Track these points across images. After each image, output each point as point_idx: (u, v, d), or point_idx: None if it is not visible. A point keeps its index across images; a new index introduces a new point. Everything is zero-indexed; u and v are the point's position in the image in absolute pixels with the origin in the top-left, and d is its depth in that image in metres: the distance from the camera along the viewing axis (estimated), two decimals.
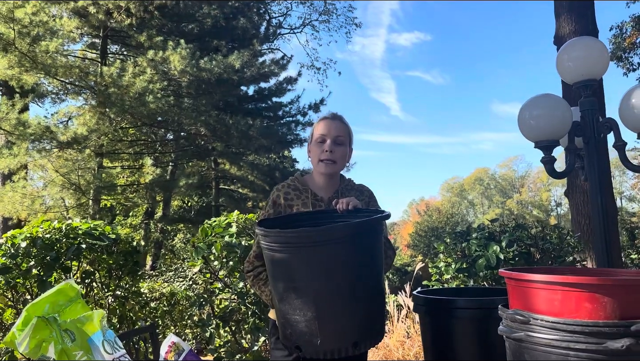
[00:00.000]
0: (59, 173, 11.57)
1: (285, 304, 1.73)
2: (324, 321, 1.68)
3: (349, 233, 1.65)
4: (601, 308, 1.20)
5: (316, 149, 2.08)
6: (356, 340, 1.73)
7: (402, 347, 5.15)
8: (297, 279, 1.68)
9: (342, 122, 2.12)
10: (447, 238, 3.87)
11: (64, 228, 3.35)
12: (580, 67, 3.05)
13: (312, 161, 2.13)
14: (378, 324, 1.83)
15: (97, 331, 1.76)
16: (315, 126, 2.13)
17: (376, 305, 1.81)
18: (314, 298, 1.67)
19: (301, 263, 1.67)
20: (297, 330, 1.71)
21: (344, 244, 1.65)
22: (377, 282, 1.80)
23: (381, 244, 1.83)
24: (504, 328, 1.38)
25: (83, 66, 12.08)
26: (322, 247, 1.63)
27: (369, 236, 1.75)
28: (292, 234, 1.65)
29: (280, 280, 1.74)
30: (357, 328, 1.73)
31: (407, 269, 24.18)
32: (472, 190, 61.24)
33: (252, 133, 12.88)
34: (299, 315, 1.69)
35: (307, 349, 1.71)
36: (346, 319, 1.70)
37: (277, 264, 1.73)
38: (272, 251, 1.72)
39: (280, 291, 1.75)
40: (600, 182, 3.03)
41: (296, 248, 1.65)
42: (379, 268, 1.83)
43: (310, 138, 2.14)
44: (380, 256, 1.84)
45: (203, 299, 3.54)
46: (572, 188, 7.77)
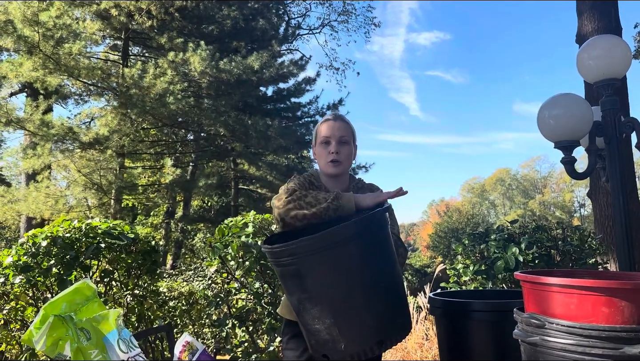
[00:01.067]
0: (81, 173, 11.77)
1: (303, 315, 1.73)
2: (344, 325, 1.67)
3: (352, 233, 1.64)
4: (618, 312, 1.17)
5: (322, 151, 2.09)
6: (380, 338, 1.71)
7: (421, 349, 5.11)
8: (309, 289, 1.67)
9: (344, 122, 2.13)
10: (466, 239, 3.83)
11: (84, 227, 3.40)
12: (601, 66, 2.99)
13: (318, 162, 2.14)
14: (401, 318, 1.80)
15: (112, 330, 1.78)
16: (318, 128, 2.14)
17: (395, 299, 1.78)
18: (329, 304, 1.66)
19: (310, 272, 1.65)
20: (320, 339, 1.70)
21: (348, 244, 1.64)
22: (391, 276, 1.78)
23: (389, 238, 1.80)
24: (519, 332, 1.36)
25: (105, 67, 12.27)
26: (326, 252, 1.61)
27: (374, 231, 1.72)
28: (294, 245, 1.63)
29: (294, 293, 1.73)
30: (379, 326, 1.71)
31: (427, 270, 24.03)
32: (494, 191, 60.54)
33: (270, 133, 12.93)
34: (318, 323, 1.68)
35: (334, 356, 1.70)
36: (365, 319, 1.68)
37: (288, 278, 1.73)
38: (281, 266, 1.71)
39: (296, 303, 1.74)
40: (623, 183, 2.97)
41: (302, 258, 1.63)
42: (392, 262, 1.80)
43: (315, 140, 2.16)
44: (390, 250, 1.80)
45: (220, 299, 3.56)
46: (595, 189, 7.62)
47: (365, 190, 2.21)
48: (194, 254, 19.40)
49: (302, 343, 2.01)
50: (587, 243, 3.51)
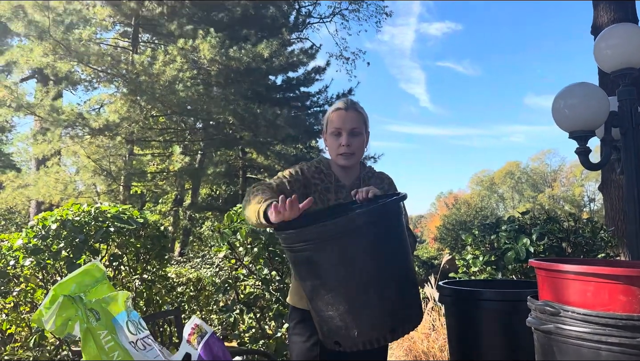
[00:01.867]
0: (90, 159, 11.82)
1: (316, 302, 1.72)
2: (357, 312, 1.66)
3: (367, 221, 1.62)
4: (636, 300, 1.14)
5: (333, 141, 2.06)
6: (393, 327, 1.71)
7: (427, 339, 5.10)
8: (323, 276, 1.66)
9: (356, 111, 2.07)
10: (476, 230, 3.80)
11: (93, 211, 3.41)
12: (618, 55, 2.94)
13: (329, 152, 2.11)
14: (413, 307, 1.80)
15: (121, 311, 1.78)
16: (329, 116, 2.08)
17: (408, 288, 1.78)
18: (344, 292, 1.66)
19: (324, 259, 1.64)
20: (333, 325, 1.70)
21: (364, 231, 1.62)
22: (405, 265, 1.77)
23: (403, 227, 1.80)
24: (532, 320, 1.34)
25: (115, 54, 12.29)
26: (342, 239, 1.60)
27: (389, 219, 1.71)
28: (311, 231, 1.61)
29: (307, 280, 1.72)
30: (392, 314, 1.71)
31: (434, 262, 23.99)
32: (503, 184, 60.24)
33: (279, 123, 12.91)
34: (331, 310, 1.67)
35: (346, 343, 1.69)
36: (379, 307, 1.68)
37: (301, 265, 1.72)
38: (294, 252, 1.70)
39: (310, 290, 1.73)
40: (638, 175, 2.92)
41: (317, 245, 1.62)
42: (405, 251, 1.80)
43: (325, 127, 2.11)
44: (405, 239, 1.80)
45: (227, 284, 3.56)
46: (607, 182, 7.55)
47: (376, 178, 2.19)
48: (202, 242, 19.47)
49: (308, 329, 2.00)
50: (599, 235, 3.47)
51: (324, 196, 2.07)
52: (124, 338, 1.71)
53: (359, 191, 1.91)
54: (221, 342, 1.79)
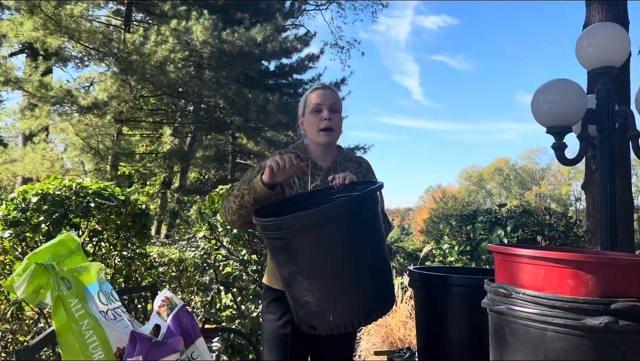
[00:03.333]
0: (79, 137, 11.74)
1: (293, 288, 1.77)
2: (334, 298, 1.73)
3: (346, 209, 1.67)
4: (583, 285, 1.19)
5: (313, 118, 2.09)
6: (368, 311, 1.77)
7: (404, 327, 5.19)
8: (300, 263, 1.71)
9: (333, 91, 2.15)
10: (453, 220, 3.86)
11: (74, 186, 3.42)
12: (599, 54, 2.99)
13: (308, 131, 2.13)
14: (387, 292, 1.86)
15: (93, 281, 1.81)
16: (307, 96, 2.14)
17: (383, 274, 1.84)
18: (320, 278, 1.71)
19: (302, 247, 1.69)
20: (309, 310, 1.75)
21: (342, 221, 1.67)
22: (380, 252, 1.83)
23: (379, 214, 1.85)
24: (487, 301, 1.39)
25: (107, 32, 12.16)
26: (320, 227, 1.64)
27: (366, 208, 1.76)
28: (289, 220, 1.66)
29: (284, 266, 1.77)
30: (367, 299, 1.77)
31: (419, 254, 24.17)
32: (491, 180, 60.61)
33: (270, 108, 12.88)
34: (307, 296, 1.72)
35: (321, 326, 1.75)
36: (355, 293, 1.74)
37: (279, 251, 1.76)
38: (272, 239, 1.75)
39: (287, 276, 1.78)
40: (611, 171, 2.99)
41: (295, 233, 1.66)
42: (381, 238, 1.86)
43: (303, 109, 2.15)
44: (380, 226, 1.85)
45: (206, 264, 3.60)
46: (590, 181, 7.65)
47: (353, 162, 2.23)
48: (188, 225, 19.44)
49: (281, 307, 2.05)
50: (573, 230, 3.55)
51: (301, 180, 2.10)
52: (94, 308, 1.74)
53: (336, 177, 1.95)
54: (191, 315, 1.83)
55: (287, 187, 2.09)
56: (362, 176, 2.20)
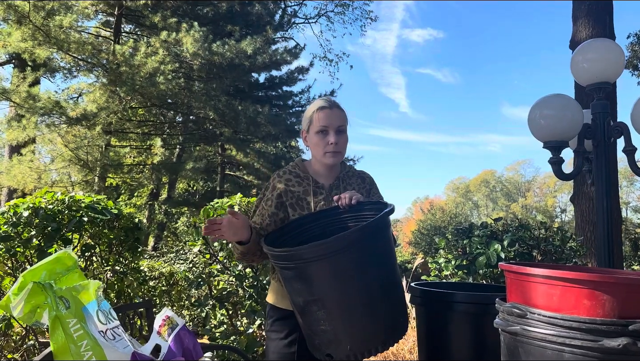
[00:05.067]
0: (67, 148, 11.61)
1: (308, 317, 1.74)
2: (350, 327, 1.69)
3: (359, 238, 1.64)
4: (600, 305, 1.18)
5: (318, 140, 2.03)
6: (385, 338, 1.74)
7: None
8: (315, 293, 1.67)
9: (340, 110, 2.09)
10: (449, 234, 3.85)
11: (67, 200, 3.35)
12: (594, 69, 3.02)
13: (313, 150, 2.09)
14: (402, 317, 1.83)
15: (92, 300, 1.76)
16: (313, 115, 2.06)
17: (397, 298, 1.81)
18: (336, 308, 1.68)
19: (317, 277, 1.66)
20: (325, 339, 1.72)
21: (356, 249, 1.64)
22: (394, 276, 1.81)
23: (391, 238, 1.82)
24: (500, 321, 1.37)
25: (96, 43, 12.10)
26: (335, 257, 1.61)
27: (379, 234, 1.73)
28: (302, 251, 1.62)
29: (299, 295, 1.73)
30: (384, 326, 1.74)
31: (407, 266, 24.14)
32: (478, 192, 61.04)
33: (260, 120, 12.87)
34: (324, 325, 1.69)
35: (338, 355, 1.72)
36: (371, 320, 1.71)
37: (292, 281, 1.72)
38: (286, 269, 1.71)
39: (301, 305, 1.74)
40: (607, 186, 3.01)
41: (309, 263, 1.63)
42: (393, 263, 1.83)
43: (308, 126, 2.08)
44: (392, 251, 1.83)
45: (201, 279, 3.55)
46: (579, 194, 7.73)
47: (357, 178, 2.20)
48: (176, 237, 19.28)
49: (287, 326, 2.01)
50: (568, 244, 3.56)
51: (303, 201, 2.07)
52: (93, 327, 1.69)
53: (342, 197, 1.92)
54: (192, 334, 1.78)
55: (290, 208, 2.05)
56: (367, 192, 2.17)
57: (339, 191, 2.08)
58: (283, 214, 2.05)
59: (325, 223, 1.97)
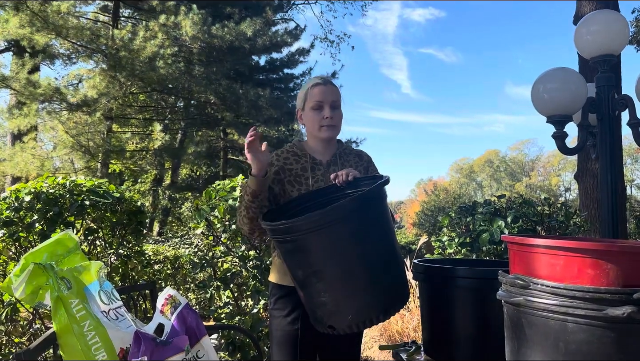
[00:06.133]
0: (68, 134, 11.60)
1: (308, 289, 1.74)
2: (350, 297, 1.70)
3: (354, 208, 1.64)
4: (604, 274, 1.16)
5: (314, 115, 2.07)
6: (385, 307, 1.75)
7: (402, 320, 5.17)
8: (314, 264, 1.68)
9: (334, 86, 2.12)
10: (452, 212, 3.84)
11: (68, 184, 3.35)
12: (599, 42, 2.96)
13: (308, 127, 2.12)
14: (402, 286, 1.84)
15: (94, 281, 1.76)
16: (308, 92, 2.09)
17: (396, 268, 1.82)
18: (335, 278, 1.68)
19: (315, 248, 1.66)
20: (326, 311, 1.72)
21: (351, 219, 1.64)
22: (391, 246, 1.81)
23: (387, 209, 1.82)
24: (502, 293, 1.36)
25: (95, 28, 11.99)
26: (332, 227, 1.61)
27: (374, 204, 1.73)
28: (300, 222, 1.62)
29: (298, 268, 1.74)
30: (383, 295, 1.75)
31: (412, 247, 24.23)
32: (482, 172, 60.91)
33: (261, 103, 12.80)
34: (324, 296, 1.70)
35: (340, 326, 1.72)
36: (371, 290, 1.72)
37: (291, 254, 1.73)
38: (284, 242, 1.71)
39: (301, 278, 1.75)
40: (612, 160, 2.98)
41: (307, 234, 1.63)
42: (391, 231, 1.83)
43: (303, 103, 2.11)
44: (389, 221, 1.83)
45: (205, 261, 3.55)
46: (583, 171, 7.69)
47: (354, 156, 2.20)
48: (181, 222, 19.36)
49: (289, 304, 2.02)
50: (572, 220, 3.54)
51: (301, 177, 2.08)
52: (95, 308, 1.69)
53: (339, 174, 1.92)
54: (195, 313, 1.79)
55: (288, 185, 2.06)
56: (364, 170, 2.17)
57: (337, 167, 2.09)
58: (278, 189, 2.06)
59: (324, 201, 1.97)
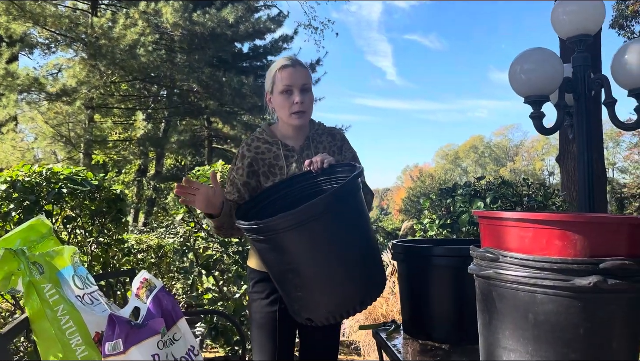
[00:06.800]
0: (48, 125, 11.44)
1: (285, 285, 1.74)
2: (327, 292, 1.70)
3: (329, 204, 1.61)
4: (571, 245, 1.18)
5: (283, 100, 1.98)
6: (362, 298, 1.75)
7: (387, 303, 5.21)
8: (290, 262, 1.67)
9: (304, 68, 2.02)
10: (433, 194, 3.86)
11: (45, 172, 3.30)
12: (575, 21, 2.97)
13: (278, 112, 2.03)
14: (378, 276, 1.84)
15: (67, 265, 1.74)
16: (276, 74, 2.00)
17: (372, 259, 1.82)
18: (311, 274, 1.68)
19: (290, 247, 1.65)
20: (304, 304, 1.72)
21: (327, 216, 1.62)
22: (367, 237, 1.80)
23: (362, 200, 1.80)
24: (473, 267, 1.37)
25: (73, 16, 11.79)
26: (306, 225, 1.59)
27: (349, 198, 1.71)
28: (272, 223, 1.59)
29: (274, 265, 1.73)
30: (360, 287, 1.75)
31: (398, 233, 24.38)
32: (467, 158, 61.35)
33: (245, 91, 12.71)
34: (301, 291, 1.70)
35: (317, 318, 1.73)
36: (347, 283, 1.72)
37: (266, 252, 1.71)
38: (258, 241, 1.70)
39: (277, 274, 1.74)
40: (589, 140, 3.00)
41: (279, 233, 1.61)
42: (366, 224, 1.82)
43: (271, 87, 2.03)
44: (365, 212, 1.82)
45: (186, 247, 3.54)
46: (564, 154, 7.78)
47: (327, 135, 2.15)
48: (166, 212, 19.23)
49: (267, 287, 2.01)
50: (551, 199, 3.58)
51: (275, 167, 2.03)
52: (69, 292, 1.67)
53: (313, 162, 1.89)
54: (171, 296, 1.78)
55: (262, 176, 2.02)
56: (338, 149, 2.14)
57: (310, 152, 2.05)
58: (255, 182, 2.03)
59: (299, 189, 1.95)
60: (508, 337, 1.26)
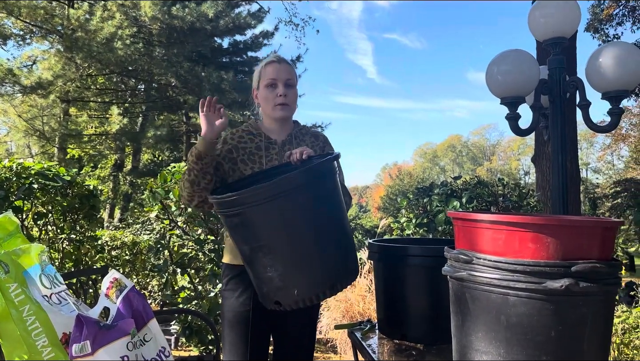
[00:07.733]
0: (22, 118, 11.18)
1: (255, 264, 1.72)
2: (297, 272, 1.68)
3: (303, 181, 1.61)
4: (544, 248, 1.18)
5: (268, 94, 2.04)
6: (332, 283, 1.73)
7: (364, 301, 5.22)
8: (261, 238, 1.65)
9: (289, 65, 2.10)
10: (410, 194, 3.87)
11: (15, 166, 3.21)
12: (551, 24, 3.01)
13: (263, 106, 2.09)
14: (350, 262, 1.83)
15: (34, 264, 1.69)
16: (262, 70, 2.07)
17: (345, 244, 1.81)
18: (283, 252, 1.66)
19: (262, 221, 1.63)
20: (272, 286, 1.70)
21: (299, 192, 1.62)
22: (340, 222, 1.80)
23: (337, 184, 1.81)
24: (447, 268, 1.37)
25: (49, 7, 11.54)
26: (279, 200, 1.59)
27: (324, 179, 1.72)
28: (246, 194, 1.59)
29: (244, 243, 1.71)
30: (331, 270, 1.74)
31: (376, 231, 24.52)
32: (445, 156, 61.94)
33: (224, 87, 12.61)
34: (270, 271, 1.67)
35: (286, 301, 1.71)
36: (318, 265, 1.70)
37: (238, 228, 1.70)
38: (230, 216, 1.68)
39: (247, 253, 1.72)
40: (563, 142, 3.04)
41: (252, 207, 1.60)
42: (340, 208, 1.82)
43: (257, 82, 2.09)
44: (339, 196, 1.82)
45: (160, 245, 3.48)
46: (540, 154, 7.89)
47: (310, 136, 2.18)
48: (142, 208, 18.97)
49: (241, 284, 2.00)
50: (525, 199, 3.62)
51: (255, 156, 2.05)
52: (36, 292, 1.63)
53: (293, 153, 1.90)
54: (142, 296, 1.74)
55: (241, 163, 2.03)
56: (320, 150, 2.15)
57: (292, 147, 2.07)
58: (228, 167, 2.03)
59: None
60: (481, 339, 1.26)
